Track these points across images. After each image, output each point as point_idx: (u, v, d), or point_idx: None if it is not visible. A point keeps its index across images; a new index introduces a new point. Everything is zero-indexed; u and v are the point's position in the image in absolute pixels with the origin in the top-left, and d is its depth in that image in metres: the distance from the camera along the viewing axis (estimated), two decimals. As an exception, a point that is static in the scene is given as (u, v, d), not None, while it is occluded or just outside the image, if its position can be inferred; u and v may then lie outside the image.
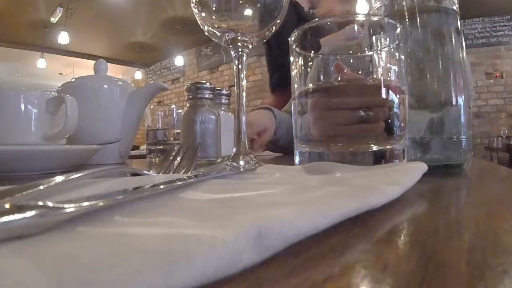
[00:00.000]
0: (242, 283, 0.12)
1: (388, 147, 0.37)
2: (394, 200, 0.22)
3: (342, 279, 0.12)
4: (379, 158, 0.37)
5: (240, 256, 0.12)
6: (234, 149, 0.42)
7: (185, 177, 0.27)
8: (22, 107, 0.58)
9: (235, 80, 0.43)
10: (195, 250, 0.11)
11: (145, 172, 0.35)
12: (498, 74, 4.42)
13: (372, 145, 0.37)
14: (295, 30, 0.42)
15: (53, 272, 0.09)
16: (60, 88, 0.76)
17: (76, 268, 0.10)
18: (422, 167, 0.30)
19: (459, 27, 0.46)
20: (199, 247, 0.11)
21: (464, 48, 0.47)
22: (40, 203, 0.14)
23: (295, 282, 0.12)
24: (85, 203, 0.15)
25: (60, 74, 7.07)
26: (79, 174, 0.25)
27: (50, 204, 0.14)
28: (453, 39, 0.45)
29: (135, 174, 0.34)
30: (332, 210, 0.17)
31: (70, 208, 0.14)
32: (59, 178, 0.23)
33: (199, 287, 0.11)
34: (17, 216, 0.13)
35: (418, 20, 0.45)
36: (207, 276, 0.11)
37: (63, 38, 5.45)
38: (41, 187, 0.20)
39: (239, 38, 0.42)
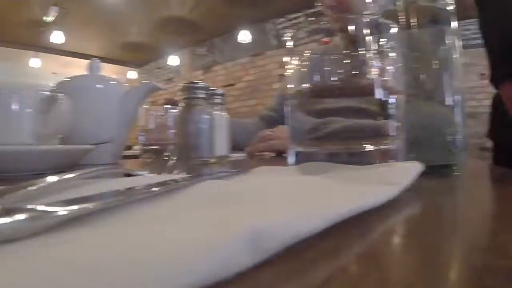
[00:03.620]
0: (238, 286, 0.11)
1: (383, 147, 0.37)
2: (390, 201, 0.22)
3: (340, 281, 0.12)
4: (375, 158, 0.37)
5: (236, 259, 0.12)
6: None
7: (179, 178, 0.27)
8: (15, 106, 0.57)
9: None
10: (191, 254, 0.11)
11: (138, 173, 0.35)
12: (491, 75, 4.44)
13: (367, 145, 0.37)
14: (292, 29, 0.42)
15: (43, 276, 0.09)
16: (53, 88, 0.75)
17: (66, 273, 0.09)
18: (418, 167, 0.30)
19: (455, 27, 0.46)
20: (195, 251, 0.11)
21: (459, 48, 0.47)
22: (31, 206, 0.14)
23: (293, 285, 0.12)
24: (76, 206, 0.15)
25: (54, 73, 7.04)
26: (72, 175, 0.25)
27: (40, 207, 0.14)
28: (449, 40, 0.45)
29: (129, 175, 0.34)
30: (328, 212, 0.17)
31: (61, 211, 0.14)
32: (51, 179, 0.22)
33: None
34: (6, 220, 0.12)
35: (414, 20, 0.45)
36: (203, 280, 0.11)
37: (58, 37, 5.44)
38: (34, 187, 0.20)
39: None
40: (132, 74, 7.52)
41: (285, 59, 0.43)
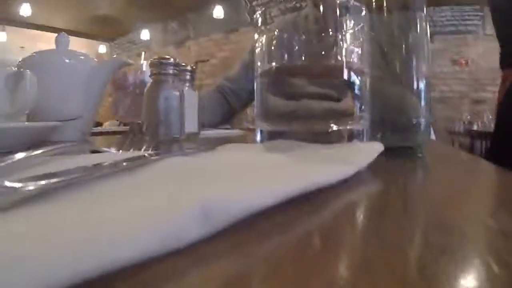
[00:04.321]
0: (186, 256, 0.12)
1: (348, 127, 0.38)
2: (348, 179, 0.23)
3: (287, 256, 0.12)
4: (339, 137, 0.37)
5: (186, 231, 0.12)
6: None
7: (146, 155, 0.27)
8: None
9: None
10: (141, 224, 0.11)
11: (105, 149, 0.35)
12: (463, 62, 4.51)
13: (332, 125, 0.37)
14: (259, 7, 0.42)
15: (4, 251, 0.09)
16: (20, 63, 0.73)
17: (22, 248, 0.10)
18: (378, 148, 0.30)
19: (425, 12, 0.47)
20: (145, 221, 0.12)
21: (428, 34, 0.47)
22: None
23: (239, 257, 0.12)
24: (43, 182, 0.15)
25: (22, 47, 6.83)
26: (39, 152, 0.25)
27: (7, 183, 0.14)
28: (418, 24, 0.46)
29: (96, 151, 0.34)
30: (281, 188, 0.17)
31: (27, 187, 0.14)
32: (18, 156, 0.22)
33: (143, 260, 0.11)
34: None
35: (384, 4, 0.45)
36: (151, 250, 0.11)
37: (26, 9, 5.27)
38: (1, 164, 0.20)
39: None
40: (103, 48, 7.35)
41: (255, 36, 0.43)
